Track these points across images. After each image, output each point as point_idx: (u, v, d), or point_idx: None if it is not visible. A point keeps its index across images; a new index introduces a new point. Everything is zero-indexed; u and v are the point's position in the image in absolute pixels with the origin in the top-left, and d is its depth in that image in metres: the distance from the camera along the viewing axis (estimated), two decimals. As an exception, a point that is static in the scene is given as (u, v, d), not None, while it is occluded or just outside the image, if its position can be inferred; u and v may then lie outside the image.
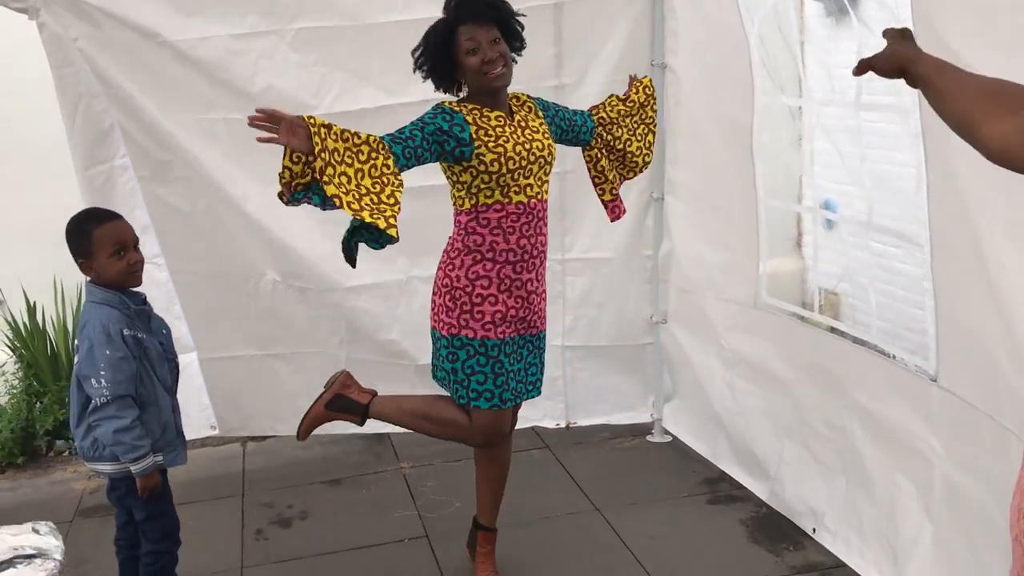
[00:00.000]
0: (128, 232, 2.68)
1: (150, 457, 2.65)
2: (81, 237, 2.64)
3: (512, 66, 2.75)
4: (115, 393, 2.58)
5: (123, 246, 2.64)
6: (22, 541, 1.72)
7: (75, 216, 2.73)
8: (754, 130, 3.33)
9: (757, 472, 3.55)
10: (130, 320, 2.65)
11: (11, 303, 4.63)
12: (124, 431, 2.59)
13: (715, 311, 3.70)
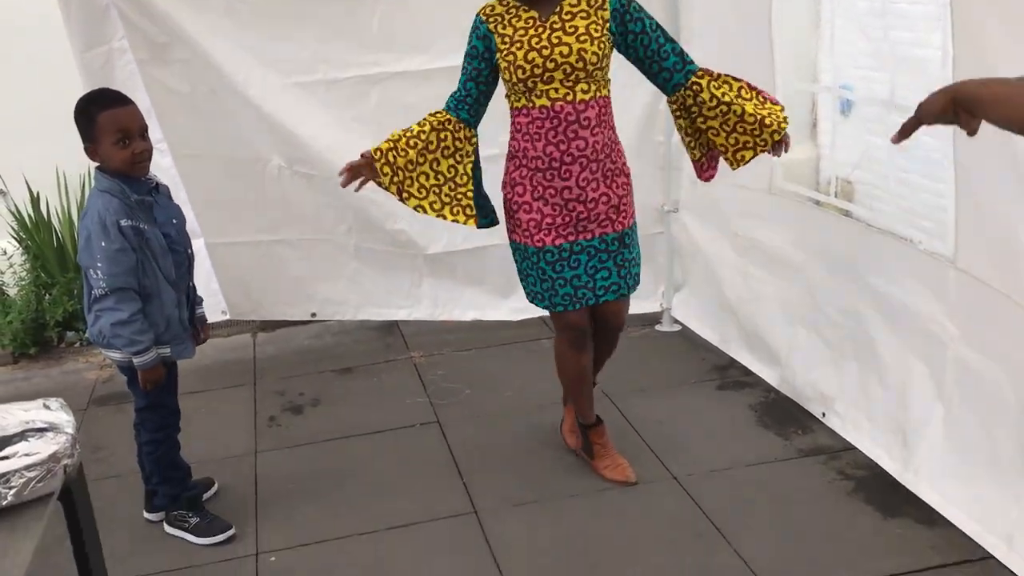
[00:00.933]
0: (134, 119, 2.57)
1: (152, 351, 2.63)
2: (87, 121, 2.55)
3: None
4: (112, 285, 2.55)
5: (127, 134, 2.54)
6: (33, 416, 1.71)
7: (83, 97, 2.63)
8: (773, 9, 3.21)
9: (767, 358, 3.55)
10: (130, 210, 2.57)
11: (14, 194, 4.58)
12: (122, 324, 2.57)
13: (728, 198, 3.63)
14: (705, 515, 2.79)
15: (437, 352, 4.08)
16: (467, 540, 2.77)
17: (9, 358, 4.37)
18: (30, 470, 1.59)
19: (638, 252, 2.89)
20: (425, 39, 3.75)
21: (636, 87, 3.82)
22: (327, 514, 2.94)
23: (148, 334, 2.62)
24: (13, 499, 1.58)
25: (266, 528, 2.90)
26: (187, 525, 2.87)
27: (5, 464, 1.58)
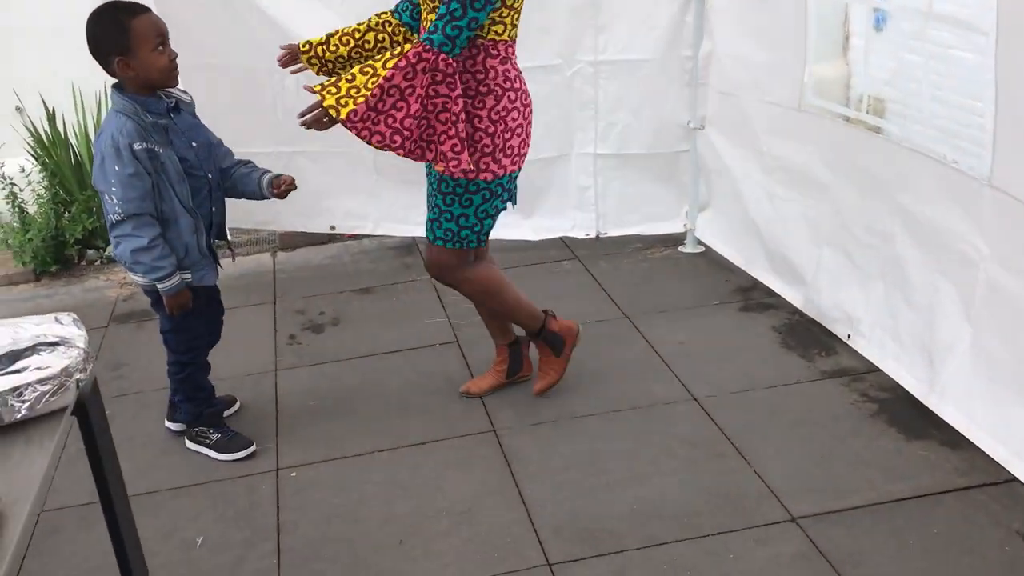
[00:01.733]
0: (164, 24, 2.50)
1: (176, 276, 2.60)
2: (117, 30, 2.43)
3: None
4: (127, 211, 2.49)
5: (164, 39, 2.48)
6: (44, 330, 1.69)
7: (100, 9, 2.49)
8: None
9: (792, 279, 3.49)
10: (145, 132, 2.49)
11: (29, 111, 4.54)
12: (142, 251, 2.53)
13: (757, 114, 3.53)
14: (725, 436, 2.77)
15: (457, 272, 4.04)
16: (485, 458, 2.78)
17: (31, 275, 4.39)
18: (43, 384, 1.57)
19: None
20: None
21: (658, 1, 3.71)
22: (347, 431, 2.95)
23: (169, 259, 2.57)
24: (27, 412, 1.57)
25: (287, 444, 2.92)
26: (208, 441, 2.88)
27: (18, 378, 1.57)
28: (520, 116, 2.62)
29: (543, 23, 3.77)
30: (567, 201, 4.12)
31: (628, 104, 3.93)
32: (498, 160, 2.60)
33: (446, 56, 2.41)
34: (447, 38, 2.40)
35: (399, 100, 2.41)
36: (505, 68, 2.57)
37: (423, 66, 2.40)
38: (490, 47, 2.53)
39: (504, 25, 2.53)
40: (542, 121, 3.94)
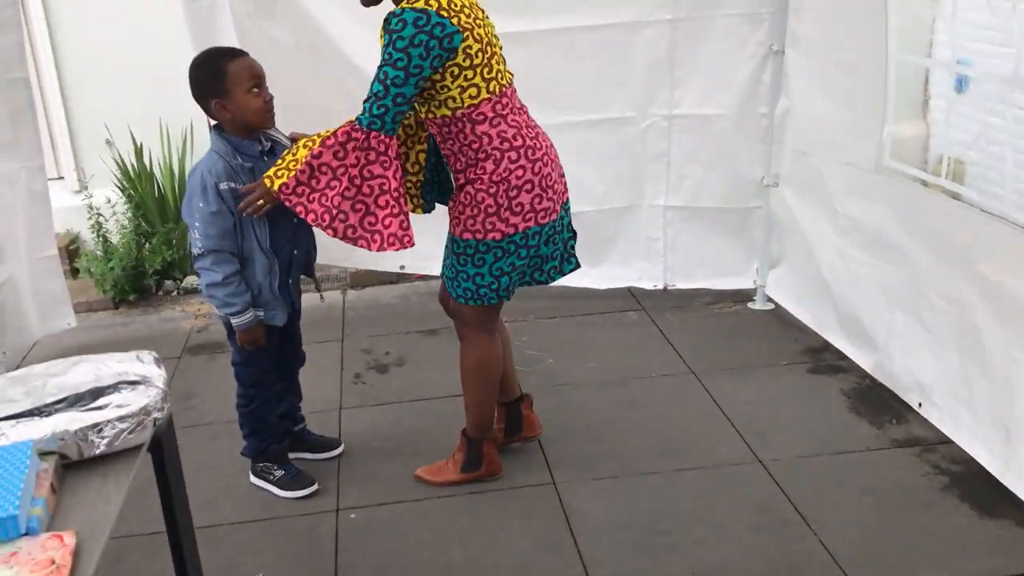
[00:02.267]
0: (260, 67, 2.59)
1: (248, 312, 2.66)
2: (214, 74, 2.54)
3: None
4: (207, 247, 2.58)
5: (259, 81, 2.57)
6: (126, 368, 1.75)
7: (201, 55, 2.64)
8: None
9: (863, 343, 3.42)
10: (233, 173, 2.58)
11: (119, 145, 4.71)
12: (216, 286, 2.61)
13: (832, 175, 3.50)
14: (790, 502, 2.72)
15: (521, 318, 4.05)
16: (544, 510, 2.76)
17: (110, 303, 4.53)
18: (122, 421, 1.63)
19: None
20: (522, 3, 3.69)
21: (736, 57, 3.72)
22: (407, 475, 2.96)
23: (243, 296, 2.64)
24: (105, 449, 1.62)
25: (347, 485, 2.94)
26: (272, 478, 2.92)
27: (99, 414, 1.62)
28: (527, 172, 2.50)
29: (619, 76, 3.82)
30: (635, 251, 4.12)
31: (701, 158, 3.92)
32: (504, 219, 2.51)
33: (377, 134, 2.40)
34: (374, 117, 2.39)
35: (331, 179, 2.42)
36: (499, 129, 2.48)
37: (352, 145, 2.41)
38: (471, 114, 2.46)
39: (478, 87, 2.43)
40: (613, 172, 3.99)
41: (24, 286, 3.78)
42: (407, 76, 2.34)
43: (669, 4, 3.68)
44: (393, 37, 2.32)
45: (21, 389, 1.70)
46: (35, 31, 4.65)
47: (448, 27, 2.33)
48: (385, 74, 2.36)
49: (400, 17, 2.32)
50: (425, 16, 2.31)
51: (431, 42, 2.32)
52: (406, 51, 2.32)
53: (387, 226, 2.47)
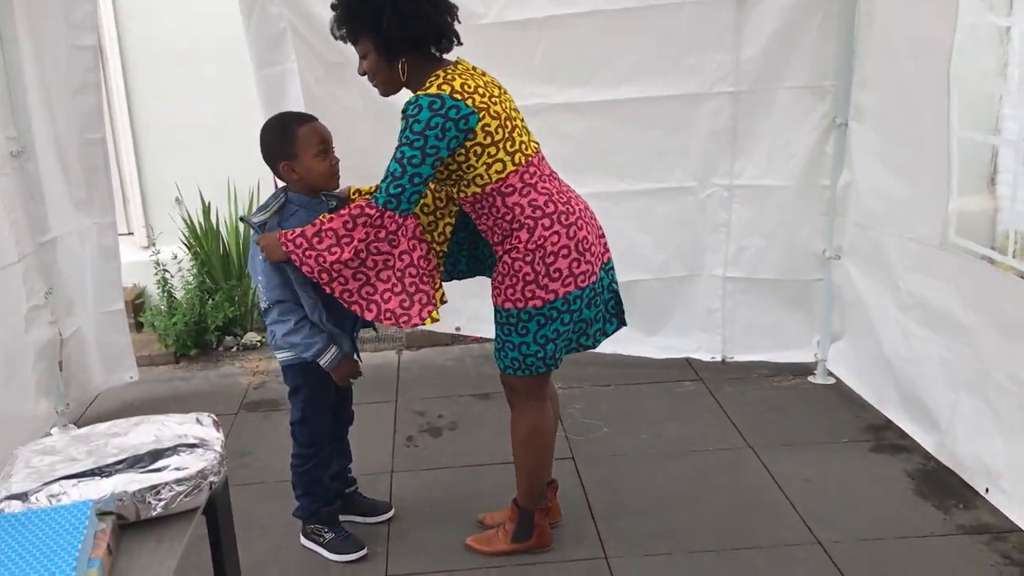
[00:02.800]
0: (328, 132, 2.68)
1: (332, 348, 2.69)
2: (284, 137, 2.64)
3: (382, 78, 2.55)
4: (271, 298, 2.65)
5: (327, 145, 2.65)
6: (186, 430, 1.77)
7: (272, 119, 2.75)
8: (954, 53, 3.02)
9: (926, 423, 3.32)
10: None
11: (187, 203, 4.85)
12: (292, 333, 2.66)
13: (895, 250, 3.44)
14: (850, 587, 2.63)
15: (576, 385, 4.02)
16: (596, 586, 2.71)
17: (171, 357, 4.61)
18: (179, 484, 1.64)
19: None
20: (585, 72, 3.77)
21: (798, 129, 3.71)
22: (457, 543, 2.93)
23: (321, 335, 2.67)
24: (162, 511, 1.63)
25: (397, 551, 2.92)
26: (322, 540, 2.92)
27: (157, 476, 1.64)
28: (563, 237, 2.51)
29: (679, 146, 3.83)
30: (693, 322, 4.08)
31: (761, 229, 3.89)
32: (543, 286, 2.51)
33: (392, 213, 2.45)
34: (390, 196, 2.44)
35: (334, 244, 2.47)
36: (530, 198, 2.50)
37: (364, 220, 2.45)
38: (500, 188, 2.49)
39: (503, 161, 2.48)
40: (672, 241, 3.98)
41: (90, 339, 3.87)
42: (423, 157, 2.40)
43: (731, 77, 3.70)
44: (410, 121, 2.40)
45: (84, 448, 1.73)
46: (114, 94, 4.83)
47: (463, 109, 2.40)
48: (402, 154, 2.42)
49: (416, 103, 2.40)
50: (439, 100, 2.38)
51: (447, 124, 2.39)
52: (422, 133, 2.38)
53: (385, 301, 2.52)
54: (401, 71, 2.50)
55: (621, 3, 3.63)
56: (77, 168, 3.71)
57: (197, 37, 4.65)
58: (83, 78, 3.67)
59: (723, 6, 3.62)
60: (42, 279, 3.54)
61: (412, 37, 2.45)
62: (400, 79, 2.52)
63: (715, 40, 3.67)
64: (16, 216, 3.37)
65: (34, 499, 1.60)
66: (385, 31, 2.43)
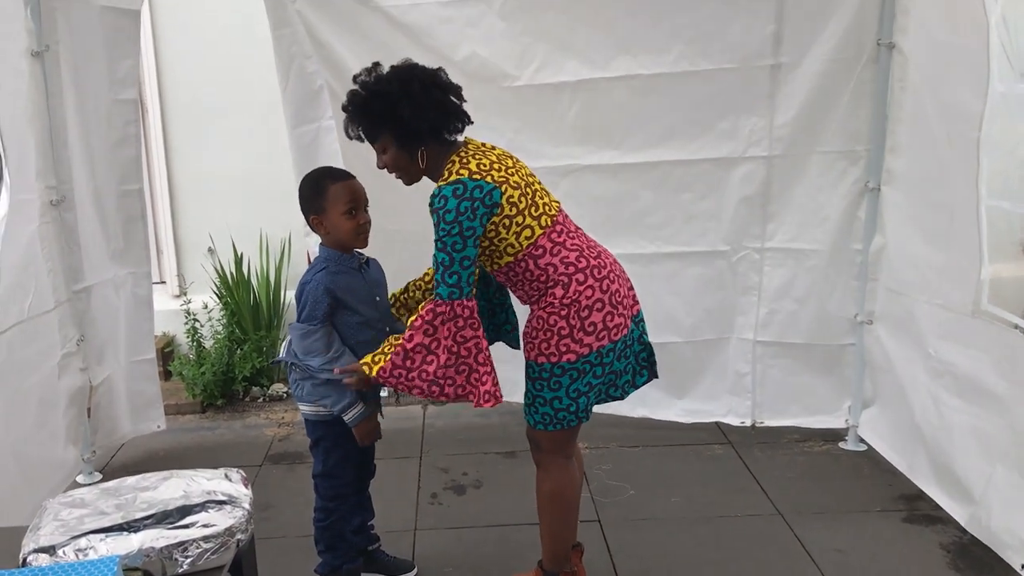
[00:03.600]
0: (361, 192, 2.70)
1: (359, 406, 2.70)
2: (316, 192, 2.68)
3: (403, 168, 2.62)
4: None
5: (356, 205, 2.67)
6: (215, 486, 1.77)
7: (311, 173, 2.79)
8: (984, 121, 3.01)
9: (958, 494, 3.24)
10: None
11: (220, 253, 4.90)
12: (323, 385, 2.67)
13: (926, 316, 3.40)
14: (884, 664, 2.55)
15: (603, 445, 3.99)
16: (621, 654, 2.65)
17: (198, 407, 4.62)
18: (207, 541, 1.64)
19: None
20: (618, 134, 3.79)
21: (831, 193, 3.70)
22: (480, 605, 2.89)
23: (351, 391, 2.68)
24: (188, 568, 1.63)
25: (419, 611, 2.88)
26: (344, 598, 2.88)
27: (185, 533, 1.63)
28: (596, 291, 2.53)
29: (712, 210, 3.83)
30: (723, 385, 4.04)
31: (793, 293, 3.87)
32: (578, 340, 2.53)
33: (460, 301, 2.48)
34: (451, 287, 2.46)
35: (427, 355, 2.50)
36: (561, 256, 2.54)
37: (440, 319, 2.48)
38: (532, 251, 2.53)
39: (531, 227, 2.52)
40: (702, 304, 3.95)
41: (120, 387, 3.89)
42: (464, 240, 2.44)
43: (765, 142, 3.72)
44: (441, 213, 2.44)
45: (113, 501, 1.73)
46: (152, 146, 4.93)
47: (486, 186, 2.46)
48: (444, 244, 2.46)
49: (440, 195, 2.45)
50: (461, 185, 2.44)
51: (475, 204, 2.44)
52: (456, 220, 2.43)
53: (483, 383, 2.53)
54: (421, 160, 2.56)
55: (654, 68, 3.65)
56: (115, 218, 3.77)
57: (234, 93, 4.74)
58: (123, 131, 3.74)
59: (758, 73, 3.65)
60: (75, 326, 3.58)
61: (429, 126, 2.51)
62: (421, 167, 2.59)
63: (749, 105, 3.69)
64: (53, 264, 3.42)
65: (61, 553, 1.60)
66: (402, 124, 2.49)
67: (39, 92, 3.33)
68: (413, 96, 2.48)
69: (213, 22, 4.75)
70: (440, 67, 2.59)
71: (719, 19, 3.60)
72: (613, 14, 3.64)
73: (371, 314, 2.74)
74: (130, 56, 3.70)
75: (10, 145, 3.03)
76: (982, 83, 2.97)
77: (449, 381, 2.52)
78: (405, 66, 2.57)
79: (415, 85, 2.50)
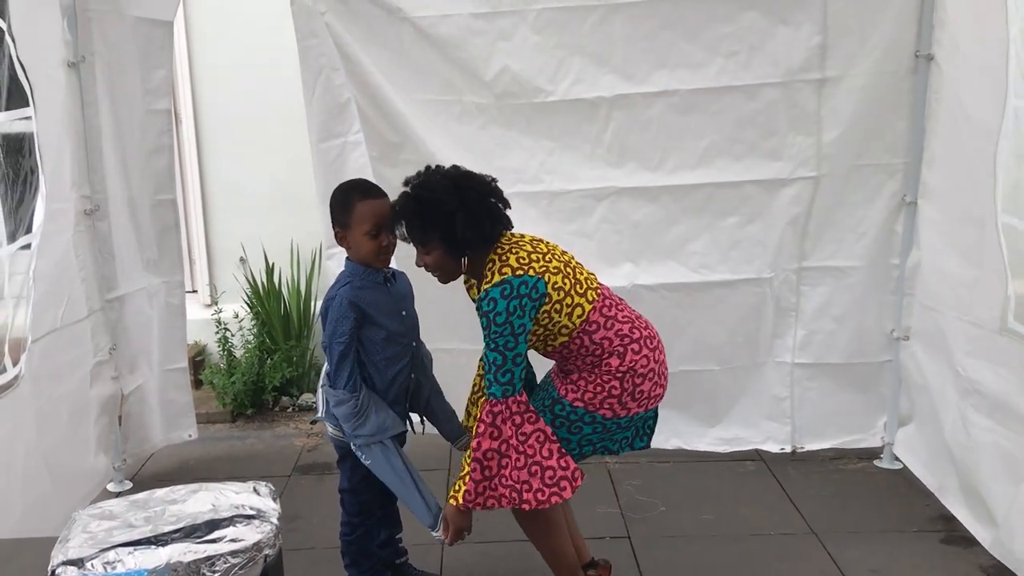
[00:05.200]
0: (388, 213, 2.64)
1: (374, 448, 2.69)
2: (343, 207, 2.66)
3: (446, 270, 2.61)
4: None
5: (379, 226, 2.62)
6: (243, 500, 1.76)
7: (343, 184, 2.77)
8: (1000, 136, 2.94)
9: (984, 517, 3.14)
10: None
11: (252, 263, 4.92)
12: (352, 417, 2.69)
13: (955, 333, 3.32)
14: None
15: (633, 461, 3.94)
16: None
17: (228, 416, 4.63)
18: (235, 556, 1.63)
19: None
20: (656, 157, 3.63)
21: (869, 207, 3.61)
22: (508, 621, 2.85)
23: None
24: (215, 583, 1.61)
25: (446, 627, 2.85)
26: (370, 612, 2.86)
27: (212, 547, 1.62)
28: (650, 361, 2.58)
29: (757, 236, 3.69)
30: (760, 411, 3.88)
31: (831, 312, 3.74)
32: (624, 403, 2.57)
33: (515, 397, 2.49)
34: (504, 385, 2.47)
35: (500, 458, 2.51)
36: (616, 330, 2.57)
37: (500, 418, 2.49)
38: (585, 328, 2.54)
39: (581, 306, 2.53)
40: (743, 331, 3.79)
41: (152, 396, 3.91)
42: (515, 338, 2.46)
43: (814, 161, 3.57)
44: (491, 316, 2.45)
45: (142, 514, 1.73)
46: (186, 156, 4.96)
47: (530, 280, 2.46)
48: (496, 344, 2.47)
49: (488, 298, 2.47)
50: (508, 285, 2.45)
51: (523, 301, 2.45)
52: (507, 321, 2.44)
53: (565, 467, 2.53)
54: (464, 264, 2.57)
55: (695, 83, 3.52)
56: (149, 228, 3.79)
57: (267, 103, 4.75)
58: (157, 141, 3.76)
59: (803, 88, 3.49)
60: (108, 335, 3.60)
61: (482, 236, 2.53)
62: (462, 271, 2.60)
63: (794, 123, 3.54)
64: (87, 272, 3.44)
65: (90, 566, 1.59)
66: (455, 234, 2.49)
67: (75, 103, 3.37)
68: (469, 207, 2.49)
69: (248, 33, 4.77)
70: (493, 177, 2.60)
71: (761, 31, 3.45)
72: (651, 27, 3.49)
73: (397, 328, 2.72)
74: (163, 66, 3.72)
75: (46, 155, 3.06)
76: (1000, 97, 2.91)
77: (527, 487, 2.51)
78: (461, 174, 2.58)
79: (472, 195, 2.51)
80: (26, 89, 2.94)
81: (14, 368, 2.89)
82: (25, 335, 2.97)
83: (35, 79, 2.98)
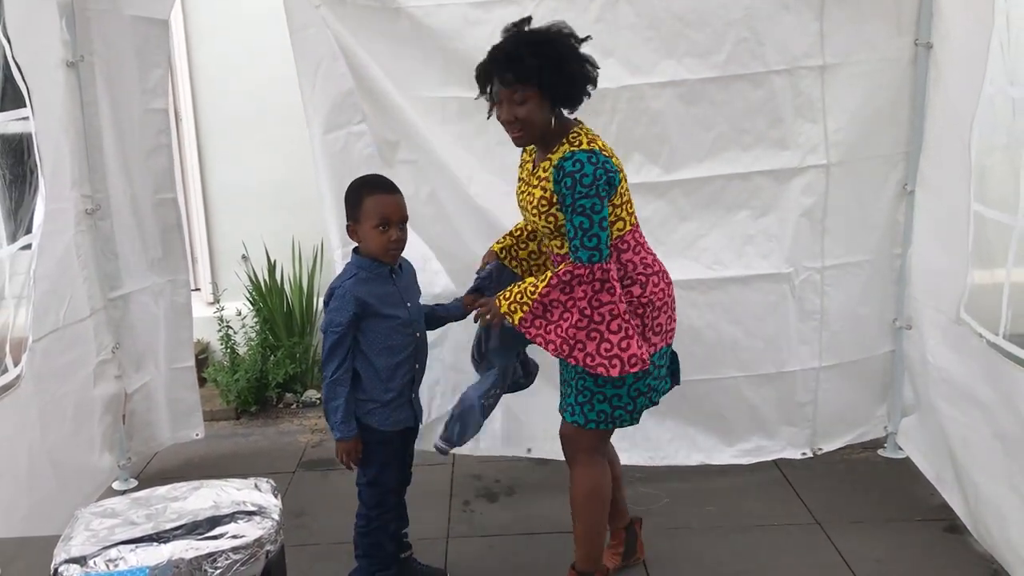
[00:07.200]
0: (397, 209, 2.67)
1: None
2: (354, 201, 2.70)
3: (533, 125, 2.55)
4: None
5: (387, 221, 2.65)
6: (245, 496, 1.76)
7: (357, 179, 2.80)
8: (974, 123, 2.93)
9: (964, 507, 3.15)
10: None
11: (254, 260, 4.92)
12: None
13: (928, 322, 3.33)
14: None
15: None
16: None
17: (232, 413, 4.64)
18: (236, 552, 1.63)
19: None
20: (665, 148, 3.52)
21: (876, 198, 3.58)
22: (513, 614, 2.86)
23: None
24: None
25: (451, 621, 2.86)
26: (376, 606, 2.87)
27: (214, 544, 1.62)
28: (664, 294, 2.66)
29: (771, 228, 3.60)
30: (781, 418, 3.80)
31: (849, 310, 3.67)
32: (647, 338, 2.60)
33: (600, 264, 2.47)
34: (591, 250, 2.46)
35: (563, 311, 2.50)
36: (640, 256, 2.63)
37: (578, 280, 2.48)
38: (619, 244, 2.58)
39: (624, 220, 2.58)
40: (763, 332, 3.69)
41: (159, 394, 3.91)
42: (601, 202, 2.47)
43: (822, 148, 3.49)
44: (577, 176, 2.45)
45: (143, 512, 1.73)
46: (187, 155, 4.97)
47: (611, 167, 2.51)
48: (583, 207, 2.46)
49: (574, 158, 2.47)
50: (595, 155, 2.48)
51: (607, 176, 2.48)
52: (594, 183, 2.45)
53: (624, 348, 2.51)
54: (552, 122, 2.56)
55: (701, 72, 3.42)
56: (152, 227, 3.78)
57: (268, 101, 4.74)
58: (156, 140, 3.76)
59: (806, 75, 3.42)
60: (111, 334, 3.60)
61: (579, 92, 2.56)
62: (546, 129, 2.57)
63: (800, 110, 3.47)
64: (89, 272, 3.45)
65: (92, 563, 1.60)
66: (561, 80, 2.50)
67: (74, 102, 3.37)
68: (580, 59, 2.53)
69: (247, 31, 4.76)
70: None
71: (767, 15, 3.36)
72: (657, 14, 3.39)
73: (403, 316, 2.75)
74: (160, 65, 3.71)
75: (45, 155, 3.06)
76: (976, 84, 2.89)
77: (580, 345, 2.51)
78: (573, 30, 2.57)
79: (579, 50, 2.54)
80: (22, 90, 2.94)
81: (15, 368, 2.90)
82: (26, 335, 2.97)
83: (34, 79, 2.98)
